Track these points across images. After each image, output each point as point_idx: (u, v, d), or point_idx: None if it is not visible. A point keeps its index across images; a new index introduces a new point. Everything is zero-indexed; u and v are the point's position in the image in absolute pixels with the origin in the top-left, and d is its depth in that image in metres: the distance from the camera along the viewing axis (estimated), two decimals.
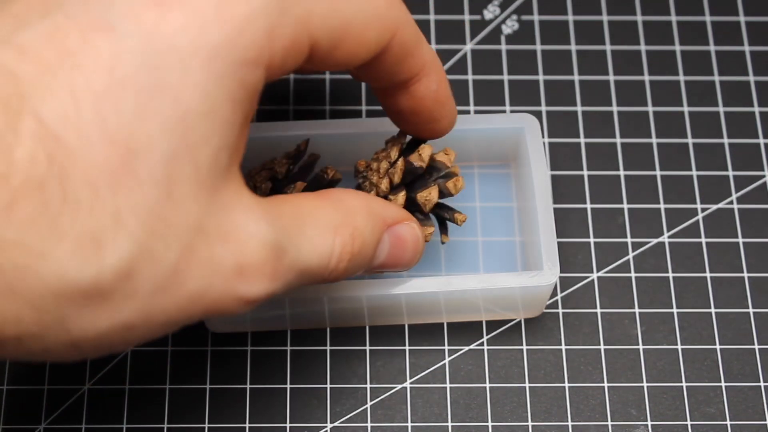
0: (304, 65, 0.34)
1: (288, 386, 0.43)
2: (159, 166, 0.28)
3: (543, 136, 0.48)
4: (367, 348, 0.44)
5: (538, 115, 0.48)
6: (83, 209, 0.28)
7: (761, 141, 0.48)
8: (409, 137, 0.41)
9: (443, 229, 0.42)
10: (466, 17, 0.51)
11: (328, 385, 0.43)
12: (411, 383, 0.43)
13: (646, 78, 0.49)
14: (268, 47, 0.30)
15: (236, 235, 0.30)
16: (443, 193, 0.41)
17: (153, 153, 0.28)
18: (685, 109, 0.49)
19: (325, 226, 0.34)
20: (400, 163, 0.40)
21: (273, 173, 0.41)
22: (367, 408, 0.43)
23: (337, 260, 0.34)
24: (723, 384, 0.43)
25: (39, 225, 0.27)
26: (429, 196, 0.40)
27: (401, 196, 0.40)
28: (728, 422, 0.42)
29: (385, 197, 0.40)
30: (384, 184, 0.40)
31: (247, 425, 0.42)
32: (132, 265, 0.28)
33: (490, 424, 0.42)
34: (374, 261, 0.37)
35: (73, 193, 0.27)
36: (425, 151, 0.40)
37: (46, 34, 0.28)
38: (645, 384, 0.43)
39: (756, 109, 0.49)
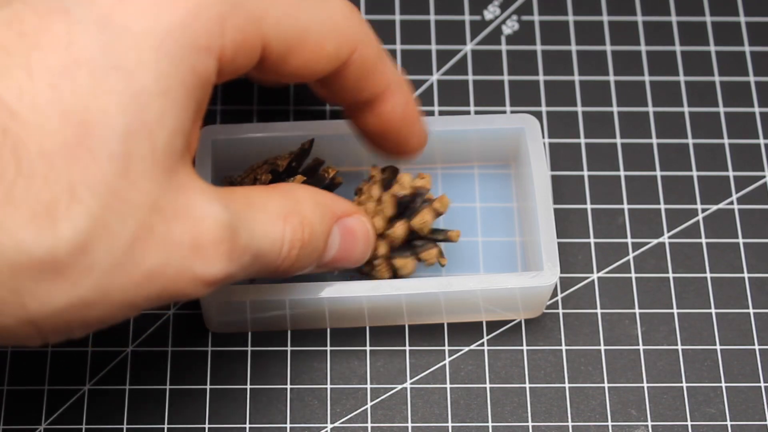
0: (260, 71, 0.34)
1: (288, 386, 0.43)
2: (114, 142, 0.29)
3: (543, 137, 0.48)
4: (367, 348, 0.44)
5: (538, 115, 0.48)
6: (38, 180, 0.28)
7: (761, 141, 0.48)
8: (382, 173, 0.42)
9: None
10: (466, 17, 0.51)
11: (328, 386, 0.43)
12: (411, 383, 0.43)
13: (646, 78, 0.49)
14: (219, 37, 0.31)
15: (192, 214, 0.31)
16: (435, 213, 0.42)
17: (108, 129, 0.29)
18: (685, 109, 0.49)
19: (275, 213, 0.34)
20: (386, 197, 0.41)
21: (274, 166, 0.41)
22: (367, 408, 0.42)
23: (288, 247, 0.34)
24: (723, 384, 0.43)
25: None
26: (424, 219, 0.41)
27: (400, 225, 0.40)
28: (728, 422, 0.42)
29: (383, 234, 0.41)
30: (378, 222, 0.40)
31: (247, 425, 0.42)
32: (88, 239, 0.29)
33: (490, 424, 0.42)
34: (326, 254, 0.37)
35: (27, 164, 0.28)
36: (404, 179, 0.41)
37: (4, 21, 0.29)
38: (645, 384, 0.43)
39: (756, 109, 0.49)
